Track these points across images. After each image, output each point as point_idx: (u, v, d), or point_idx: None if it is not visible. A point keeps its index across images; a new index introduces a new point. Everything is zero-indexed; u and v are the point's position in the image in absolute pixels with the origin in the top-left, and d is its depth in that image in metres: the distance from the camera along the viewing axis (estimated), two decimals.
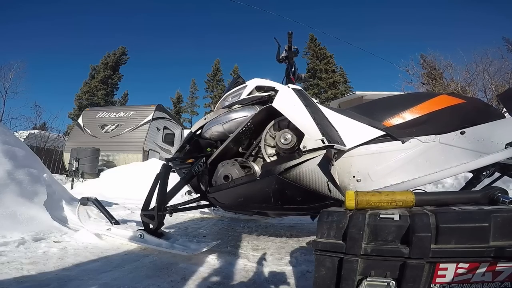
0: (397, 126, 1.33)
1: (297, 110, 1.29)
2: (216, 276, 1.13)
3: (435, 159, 1.25)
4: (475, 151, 1.22)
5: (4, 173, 1.73)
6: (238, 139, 1.46)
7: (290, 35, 1.75)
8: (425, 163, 1.25)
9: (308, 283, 1.04)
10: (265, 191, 1.30)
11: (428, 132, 1.28)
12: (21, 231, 1.50)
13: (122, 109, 9.51)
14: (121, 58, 25.01)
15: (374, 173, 1.29)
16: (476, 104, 1.42)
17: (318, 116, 1.29)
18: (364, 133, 1.32)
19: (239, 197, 1.42)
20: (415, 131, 1.30)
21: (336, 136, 1.29)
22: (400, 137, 1.29)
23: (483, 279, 0.63)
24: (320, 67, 24.88)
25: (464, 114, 1.32)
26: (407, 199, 0.80)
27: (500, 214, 0.64)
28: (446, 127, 1.28)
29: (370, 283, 0.67)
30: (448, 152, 1.25)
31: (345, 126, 1.36)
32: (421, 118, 1.33)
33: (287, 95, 1.37)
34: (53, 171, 8.67)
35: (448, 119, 1.31)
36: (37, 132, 12.74)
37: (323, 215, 0.76)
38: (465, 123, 1.28)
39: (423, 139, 1.27)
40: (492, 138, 1.23)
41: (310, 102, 1.37)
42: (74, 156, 6.82)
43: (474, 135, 1.24)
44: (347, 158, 1.32)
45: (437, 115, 1.32)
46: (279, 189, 1.27)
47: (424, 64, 12.07)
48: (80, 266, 1.19)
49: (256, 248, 1.55)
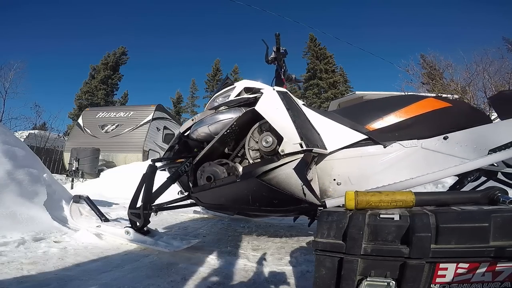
0: (380, 130, 1.33)
1: (278, 113, 1.30)
2: (216, 276, 1.13)
3: (416, 164, 1.25)
4: (457, 157, 1.22)
5: (4, 173, 1.73)
6: (223, 140, 1.47)
7: (277, 36, 1.75)
8: (405, 168, 1.25)
9: (308, 283, 1.04)
10: (244, 193, 1.32)
11: (411, 137, 1.28)
12: (21, 231, 1.50)
13: (122, 109, 9.51)
14: (121, 58, 25.01)
15: (354, 176, 1.30)
16: (462, 108, 1.41)
17: (300, 120, 1.30)
18: (346, 136, 1.33)
19: (220, 197, 1.44)
20: (397, 136, 1.30)
21: (317, 140, 1.29)
22: (382, 141, 1.29)
23: (483, 279, 0.63)
24: (320, 67, 24.88)
25: (449, 119, 1.32)
26: (407, 199, 0.80)
27: (500, 214, 0.64)
28: (429, 131, 1.28)
29: (370, 283, 0.67)
30: (430, 157, 1.24)
31: (327, 129, 1.36)
32: (404, 122, 1.32)
33: (271, 98, 1.37)
34: (53, 171, 8.66)
35: (432, 123, 1.31)
36: (37, 132, 12.75)
37: (323, 215, 0.75)
38: (449, 127, 1.28)
39: (405, 144, 1.27)
40: (475, 144, 1.23)
41: (293, 105, 1.37)
42: (74, 156, 6.82)
43: (457, 141, 1.24)
44: (329, 161, 1.33)
45: (420, 119, 1.32)
46: (257, 192, 1.29)
47: (424, 64, 12.07)
48: (80, 266, 1.19)
49: (256, 248, 1.55)
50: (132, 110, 8.82)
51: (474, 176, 1.37)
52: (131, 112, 8.68)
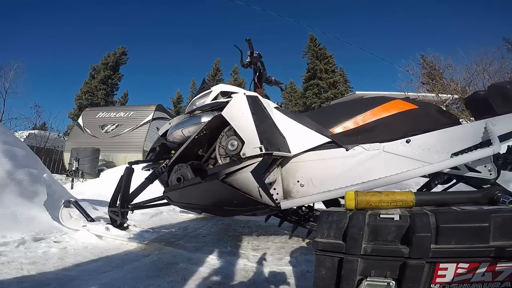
0: (344, 133, 1.35)
1: (243, 118, 1.35)
2: (216, 276, 1.13)
3: (376, 167, 1.26)
4: (417, 160, 1.23)
5: (4, 173, 1.73)
6: (197, 143, 1.52)
7: (248, 41, 1.79)
8: (365, 171, 1.26)
9: (308, 283, 1.04)
10: (208, 193, 1.39)
11: (373, 140, 1.29)
12: (21, 231, 1.50)
13: (122, 109, 9.51)
14: (121, 58, 25.01)
15: (316, 178, 1.33)
16: (429, 110, 1.38)
17: (264, 124, 1.34)
18: (310, 139, 1.35)
19: (187, 197, 1.49)
20: (360, 139, 1.31)
21: (280, 143, 1.33)
22: (345, 144, 1.31)
23: (483, 279, 0.63)
24: (320, 67, 24.88)
25: (413, 121, 1.32)
26: (407, 199, 0.80)
27: (500, 214, 0.64)
28: (392, 135, 1.29)
29: (370, 283, 0.67)
30: (391, 160, 1.25)
31: (294, 132, 1.39)
32: (368, 125, 1.34)
33: (238, 103, 1.41)
34: (53, 171, 8.66)
35: (395, 126, 1.31)
36: (37, 132, 12.74)
37: (323, 215, 0.76)
38: (413, 130, 1.28)
39: (367, 147, 1.29)
40: (438, 147, 1.23)
41: (260, 110, 1.40)
42: (74, 156, 6.81)
43: (419, 144, 1.25)
44: (294, 163, 1.36)
45: (384, 122, 1.33)
46: (219, 192, 1.34)
47: (424, 64, 12.05)
48: (80, 266, 1.19)
49: (256, 248, 1.55)
50: (132, 110, 8.82)
51: (442, 179, 1.37)
52: (131, 112, 8.68)
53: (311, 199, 1.30)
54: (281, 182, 1.36)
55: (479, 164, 1.25)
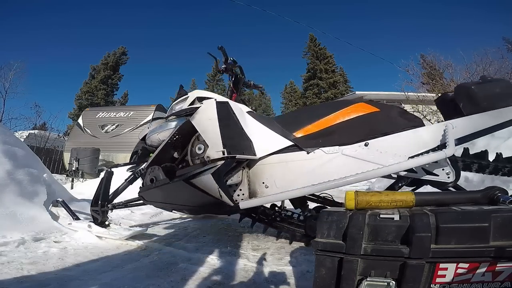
0: (305, 137, 1.40)
1: (209, 123, 1.42)
2: (216, 276, 1.13)
3: (334, 170, 1.29)
4: (374, 163, 1.25)
5: (4, 173, 1.73)
6: (169, 147, 1.59)
7: (221, 49, 1.86)
8: (324, 173, 1.29)
9: (308, 283, 1.04)
10: (175, 193, 1.49)
11: (333, 143, 1.33)
12: (21, 231, 1.50)
13: (122, 109, 9.49)
14: (121, 58, 25.00)
15: (279, 180, 1.38)
16: (390, 113, 1.39)
17: (229, 129, 1.41)
18: (275, 143, 1.41)
19: (158, 196, 1.60)
20: (321, 142, 1.35)
21: (245, 147, 1.39)
22: (306, 148, 1.36)
23: (483, 279, 0.63)
24: (320, 67, 24.88)
25: (373, 124, 1.34)
26: (407, 199, 0.80)
27: (500, 214, 0.64)
28: (351, 138, 1.32)
29: (370, 283, 0.67)
30: (348, 163, 1.28)
31: (260, 136, 1.45)
32: (329, 129, 1.38)
33: (206, 109, 1.49)
34: (53, 171, 8.66)
35: (355, 130, 1.34)
36: (37, 132, 12.73)
37: (323, 215, 0.75)
38: (372, 133, 1.31)
39: (326, 150, 1.33)
40: (396, 150, 1.26)
41: (227, 115, 1.46)
42: (74, 156, 6.81)
43: (377, 147, 1.28)
44: (260, 165, 1.43)
45: (345, 125, 1.36)
46: (185, 192, 1.43)
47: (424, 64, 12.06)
48: (80, 266, 1.19)
49: (256, 248, 1.55)
50: (132, 110, 8.81)
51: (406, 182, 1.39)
52: (131, 112, 8.67)
53: (268, 199, 1.37)
54: (248, 183, 1.42)
55: (436, 167, 1.28)
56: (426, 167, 1.28)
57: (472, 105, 1.28)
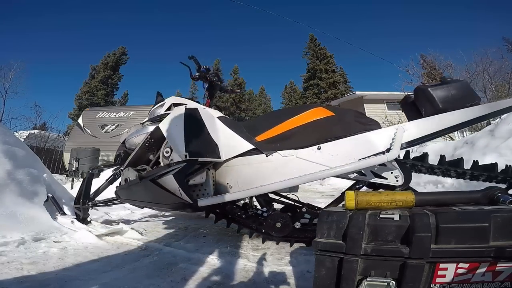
0: (265, 141, 1.48)
1: (175, 129, 1.54)
2: (216, 276, 1.13)
3: (289, 171, 1.37)
4: (323, 165, 1.33)
5: (4, 173, 1.73)
6: (144, 150, 1.70)
7: (192, 58, 1.95)
8: (282, 175, 1.37)
9: (308, 283, 1.04)
10: (143, 191, 1.59)
11: (289, 147, 1.41)
12: (21, 231, 1.50)
13: (122, 109, 9.48)
14: (121, 58, 25.00)
15: (241, 181, 1.48)
16: (344, 117, 1.44)
17: (195, 134, 1.52)
18: (239, 146, 1.50)
19: (131, 195, 1.72)
20: (279, 146, 1.43)
21: (209, 150, 1.49)
22: (265, 151, 1.45)
23: (483, 279, 0.63)
24: (320, 67, 24.87)
25: (327, 128, 1.40)
26: (407, 199, 0.80)
27: (500, 214, 0.64)
28: (306, 142, 1.39)
29: (370, 283, 0.67)
30: (303, 166, 1.36)
31: (227, 140, 1.54)
32: (286, 133, 1.45)
33: (174, 115, 1.61)
34: (53, 171, 8.65)
35: (309, 134, 1.41)
36: (37, 132, 12.74)
37: (323, 215, 0.75)
38: (326, 137, 1.38)
39: (283, 154, 1.41)
40: (346, 153, 1.32)
41: (194, 121, 1.56)
42: (74, 156, 6.81)
43: (329, 150, 1.35)
44: (225, 167, 1.53)
45: (301, 130, 1.43)
46: (150, 191, 1.54)
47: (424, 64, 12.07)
48: (80, 266, 1.19)
49: (256, 248, 1.55)
50: (132, 110, 8.80)
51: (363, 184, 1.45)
52: (131, 112, 8.66)
53: (224, 198, 1.45)
54: (212, 183, 1.52)
55: (385, 170, 1.34)
56: (375, 170, 1.34)
57: (429, 107, 1.32)
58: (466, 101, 1.30)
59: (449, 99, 1.30)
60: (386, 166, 1.32)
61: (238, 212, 1.62)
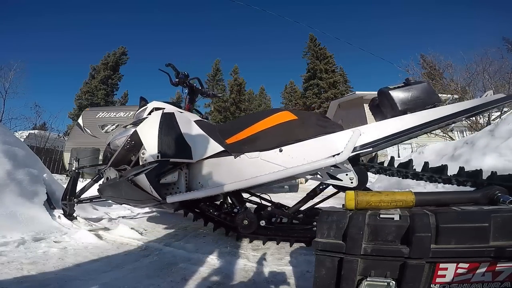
0: (234, 143, 1.57)
1: (149, 132, 1.63)
2: (216, 276, 1.13)
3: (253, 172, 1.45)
4: (281, 166, 1.40)
5: (4, 173, 1.73)
6: (125, 151, 1.79)
7: (169, 65, 2.04)
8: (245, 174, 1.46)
9: (308, 283, 1.04)
10: (121, 189, 1.69)
11: (255, 149, 1.49)
12: (21, 231, 1.49)
13: (122, 109, 9.48)
14: (121, 58, 25.01)
15: (211, 180, 1.56)
16: (306, 121, 1.49)
17: (168, 136, 1.59)
18: (211, 148, 1.59)
19: (110, 192, 1.83)
20: (246, 148, 1.52)
21: (182, 152, 1.58)
22: (233, 153, 1.54)
23: (483, 279, 0.63)
24: (320, 67, 24.87)
25: (290, 132, 1.46)
26: (407, 199, 0.80)
27: (500, 214, 0.64)
28: (269, 144, 1.47)
29: (370, 283, 0.67)
30: (266, 167, 1.44)
31: (200, 142, 1.63)
32: (253, 136, 1.53)
33: (151, 119, 1.70)
34: (53, 171, 8.65)
35: (273, 137, 1.48)
36: (37, 132, 12.74)
37: (323, 215, 0.75)
38: (288, 140, 1.44)
39: (249, 155, 1.49)
40: (305, 155, 1.38)
41: (169, 124, 1.64)
42: (74, 156, 6.80)
43: (289, 153, 1.42)
44: (197, 167, 1.62)
45: (266, 133, 1.51)
46: (126, 188, 1.63)
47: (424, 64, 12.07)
48: (80, 266, 1.19)
49: (256, 248, 1.55)
50: (132, 110, 8.76)
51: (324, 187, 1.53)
52: (131, 112, 8.63)
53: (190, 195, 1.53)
54: (185, 183, 1.61)
55: (340, 172, 1.39)
56: (331, 171, 1.39)
57: (390, 109, 1.35)
58: (426, 103, 1.32)
59: (408, 101, 1.33)
60: (340, 168, 1.37)
61: (211, 210, 1.74)
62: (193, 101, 2.16)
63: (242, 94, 25.00)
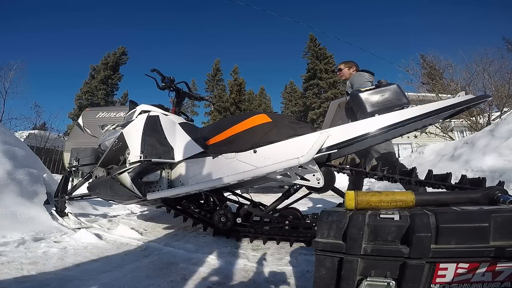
0: (213, 145, 1.64)
1: (133, 134, 1.71)
2: (216, 276, 1.13)
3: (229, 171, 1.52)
4: (254, 166, 1.47)
5: (4, 173, 1.73)
6: (114, 151, 1.87)
7: (154, 70, 2.10)
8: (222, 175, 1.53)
9: (308, 283, 1.04)
10: (107, 186, 1.79)
11: (231, 151, 1.57)
12: (21, 231, 1.49)
13: (122, 109, 9.42)
14: (121, 58, 25.01)
15: (191, 179, 1.64)
16: (279, 123, 1.55)
17: (151, 138, 1.67)
18: (191, 149, 1.67)
19: (98, 189, 1.93)
20: (223, 149, 1.60)
21: (164, 153, 1.65)
22: (212, 154, 1.62)
23: (483, 279, 0.63)
24: (320, 67, 24.87)
25: (264, 134, 1.52)
26: (407, 199, 0.80)
27: (500, 214, 0.64)
28: (244, 146, 1.54)
29: (370, 283, 0.67)
30: (240, 167, 1.51)
31: (181, 144, 1.71)
32: (230, 138, 1.60)
33: (136, 122, 1.78)
34: (53, 171, 8.65)
35: (249, 139, 1.55)
36: (37, 132, 12.73)
37: (323, 215, 0.75)
38: (262, 142, 1.51)
39: (226, 156, 1.58)
40: (276, 156, 1.44)
41: (153, 127, 1.72)
42: (74, 156, 6.79)
43: (263, 154, 1.49)
44: (179, 167, 1.70)
45: (242, 135, 1.58)
46: (112, 186, 1.73)
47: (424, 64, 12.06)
48: (80, 266, 1.19)
49: (256, 248, 1.55)
50: None
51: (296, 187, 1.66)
52: None
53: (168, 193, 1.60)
54: (168, 181, 1.69)
55: (307, 172, 1.43)
56: (299, 172, 1.43)
57: (361, 111, 1.38)
58: (394, 105, 1.34)
59: (376, 103, 1.35)
60: (307, 168, 1.40)
61: (192, 207, 1.83)
62: (179, 103, 2.24)
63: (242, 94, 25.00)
